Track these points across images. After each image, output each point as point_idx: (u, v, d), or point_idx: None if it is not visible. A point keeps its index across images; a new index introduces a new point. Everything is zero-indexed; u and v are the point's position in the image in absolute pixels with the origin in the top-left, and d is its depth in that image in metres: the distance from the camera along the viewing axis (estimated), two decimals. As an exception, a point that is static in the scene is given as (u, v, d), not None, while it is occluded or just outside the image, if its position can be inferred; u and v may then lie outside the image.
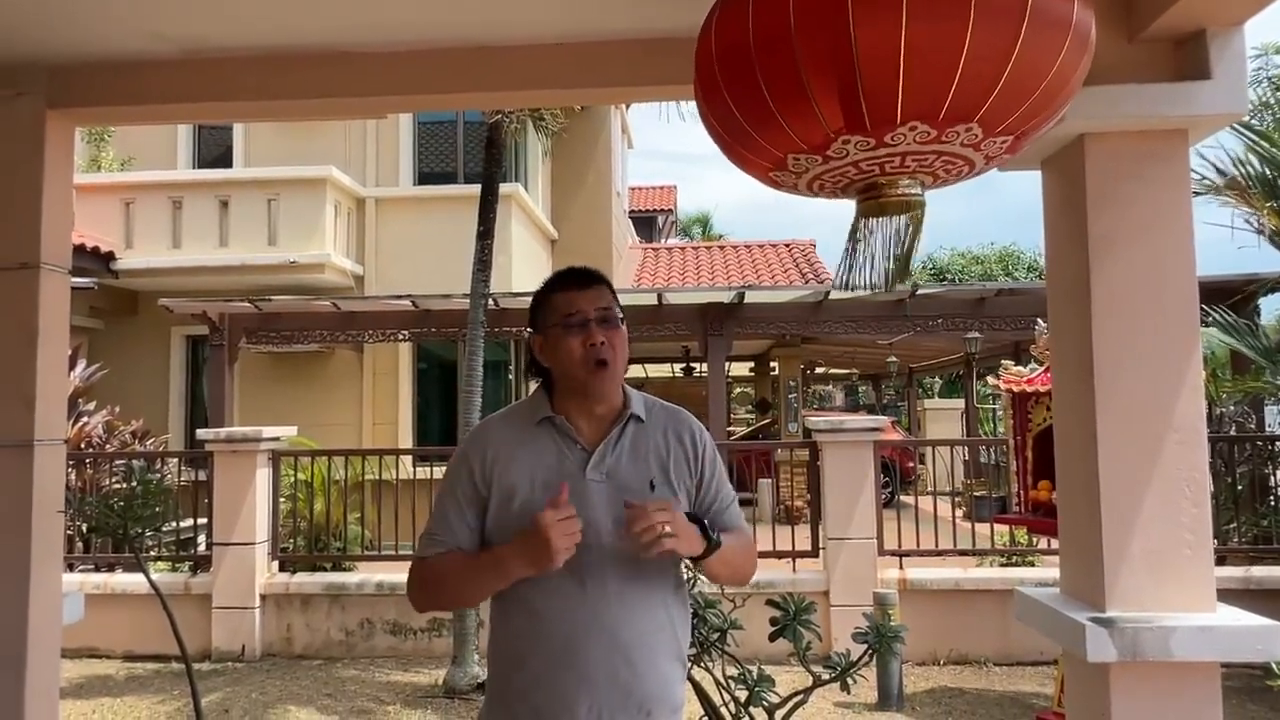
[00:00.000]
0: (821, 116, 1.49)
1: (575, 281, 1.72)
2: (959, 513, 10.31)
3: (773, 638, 3.08)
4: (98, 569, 7.10)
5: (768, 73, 1.49)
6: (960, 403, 17.54)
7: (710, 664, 3.23)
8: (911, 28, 1.37)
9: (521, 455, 1.66)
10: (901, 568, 6.46)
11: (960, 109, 1.46)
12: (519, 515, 1.60)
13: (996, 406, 15.99)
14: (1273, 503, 6.76)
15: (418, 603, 1.75)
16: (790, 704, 3.14)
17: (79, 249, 9.17)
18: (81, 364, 8.27)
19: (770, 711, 3.12)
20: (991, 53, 1.40)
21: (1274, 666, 2.42)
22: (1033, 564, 6.61)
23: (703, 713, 3.24)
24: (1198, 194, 5.73)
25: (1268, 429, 7.99)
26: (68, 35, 2.39)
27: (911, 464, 13.60)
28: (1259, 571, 6.09)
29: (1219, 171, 5.71)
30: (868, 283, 1.72)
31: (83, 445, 7.57)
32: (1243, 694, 5.14)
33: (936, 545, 6.71)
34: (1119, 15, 2.21)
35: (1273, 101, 5.95)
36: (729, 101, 1.60)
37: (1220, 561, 6.26)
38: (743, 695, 3.14)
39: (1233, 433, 7.32)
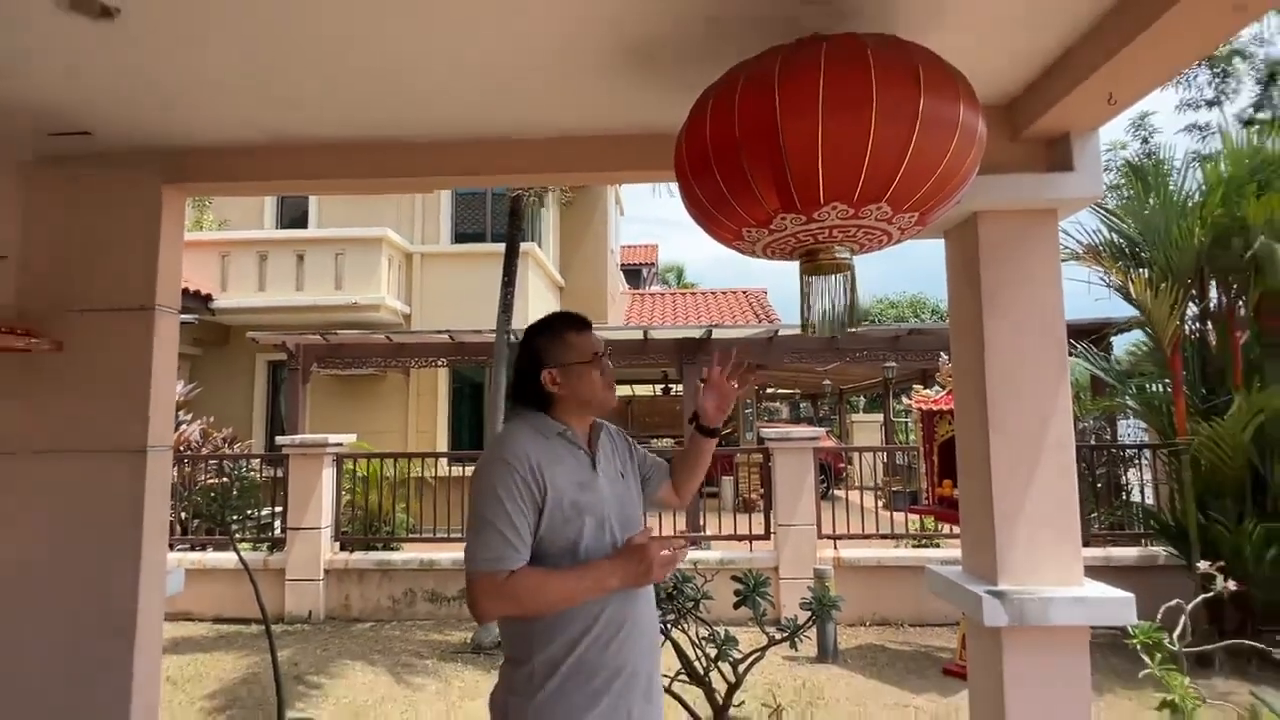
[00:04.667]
0: (762, 199, 1.53)
1: (585, 325, 1.68)
2: (880, 504, 10.33)
3: (736, 606, 3.06)
4: (193, 548, 6.97)
5: (722, 169, 1.54)
6: (880, 417, 17.58)
7: (686, 627, 3.19)
8: (826, 133, 1.41)
9: (554, 461, 1.56)
10: (836, 548, 6.44)
11: (870, 192, 1.49)
12: (570, 512, 1.52)
13: (909, 420, 16.04)
14: (1124, 498, 6.80)
15: (497, 614, 1.47)
16: (749, 660, 3.11)
17: (184, 292, 9.10)
18: (182, 383, 8.18)
19: (734, 666, 3.08)
20: (891, 149, 1.43)
21: (1129, 629, 2.42)
22: (938, 545, 6.61)
23: (680, 667, 3.21)
24: (1063, 259, 5.81)
25: (1120, 439, 8.04)
26: (181, 127, 2.39)
27: (842, 465, 13.57)
28: (1115, 552, 6.12)
29: (1078, 242, 5.80)
30: (819, 325, 1.74)
31: (182, 448, 7.46)
32: (1106, 649, 5.13)
33: (863, 530, 6.69)
34: (1003, 120, 2.26)
35: (1120, 185, 6.06)
36: (697, 191, 1.64)
37: (1086, 544, 6.28)
38: (713, 653, 3.10)
39: (1093, 443, 7.38)
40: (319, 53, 1.94)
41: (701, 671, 3.08)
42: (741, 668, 3.08)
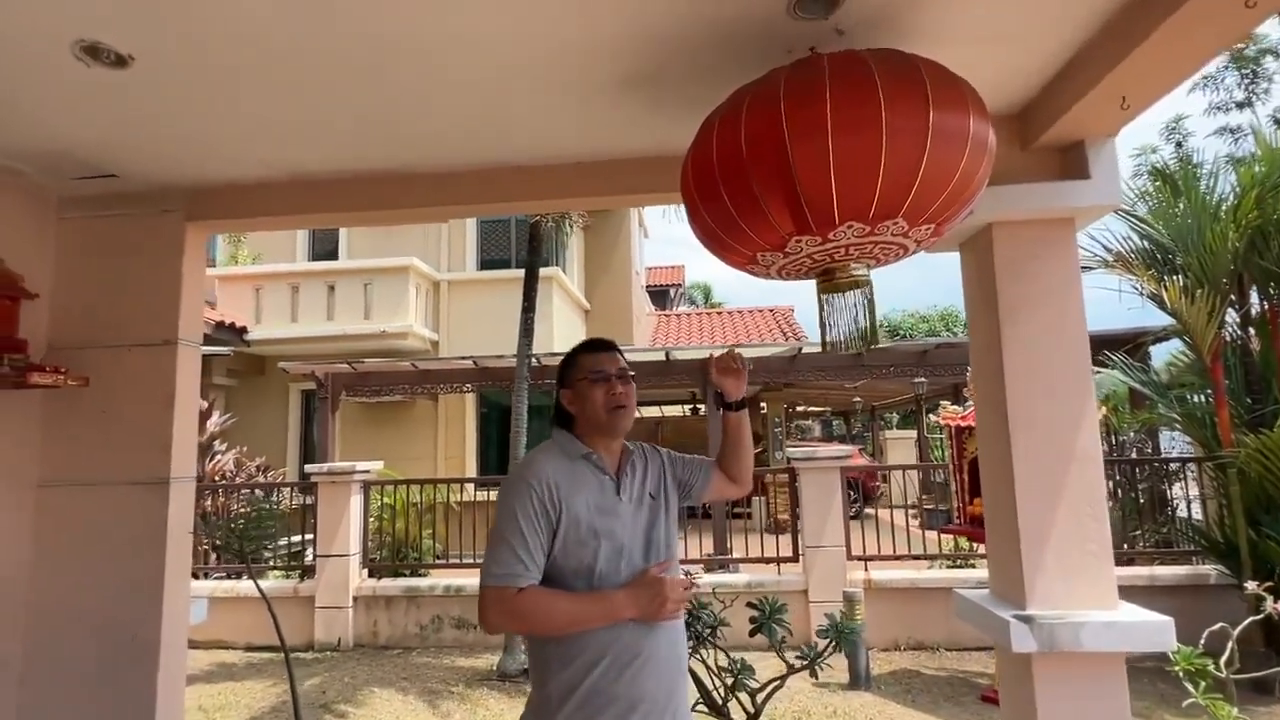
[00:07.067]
0: (775, 223, 1.50)
1: (597, 347, 1.72)
2: (914, 522, 10.07)
3: (752, 634, 2.98)
4: (227, 577, 7.07)
5: (731, 193, 1.52)
6: (913, 433, 17.23)
7: (704, 655, 3.12)
8: (837, 153, 1.38)
9: (574, 485, 1.56)
10: (867, 570, 6.28)
11: (886, 209, 1.46)
12: (586, 535, 1.52)
13: (942, 435, 15.68)
14: (1169, 513, 6.54)
15: (503, 627, 1.53)
16: (768, 690, 3.02)
17: (220, 325, 9.34)
18: (217, 414, 8.35)
19: (752, 695, 3.00)
20: (905, 165, 1.40)
21: (1169, 655, 2.31)
22: (974, 566, 6.41)
23: (698, 696, 3.13)
24: (1091, 268, 5.66)
25: (1162, 453, 7.75)
26: (203, 166, 2.46)
27: (875, 483, 13.31)
28: (1161, 570, 5.85)
29: (1106, 249, 5.66)
30: (840, 344, 1.72)
31: (217, 478, 7.60)
32: (1154, 675, 4.89)
33: (894, 551, 6.52)
34: (1015, 130, 2.22)
35: (1151, 190, 5.90)
36: (705, 216, 1.62)
37: (1130, 562, 6.03)
38: (730, 681, 3.02)
39: (1134, 456, 7.12)
40: (333, 91, 1.98)
41: (720, 701, 3.00)
42: (760, 698, 2.99)
